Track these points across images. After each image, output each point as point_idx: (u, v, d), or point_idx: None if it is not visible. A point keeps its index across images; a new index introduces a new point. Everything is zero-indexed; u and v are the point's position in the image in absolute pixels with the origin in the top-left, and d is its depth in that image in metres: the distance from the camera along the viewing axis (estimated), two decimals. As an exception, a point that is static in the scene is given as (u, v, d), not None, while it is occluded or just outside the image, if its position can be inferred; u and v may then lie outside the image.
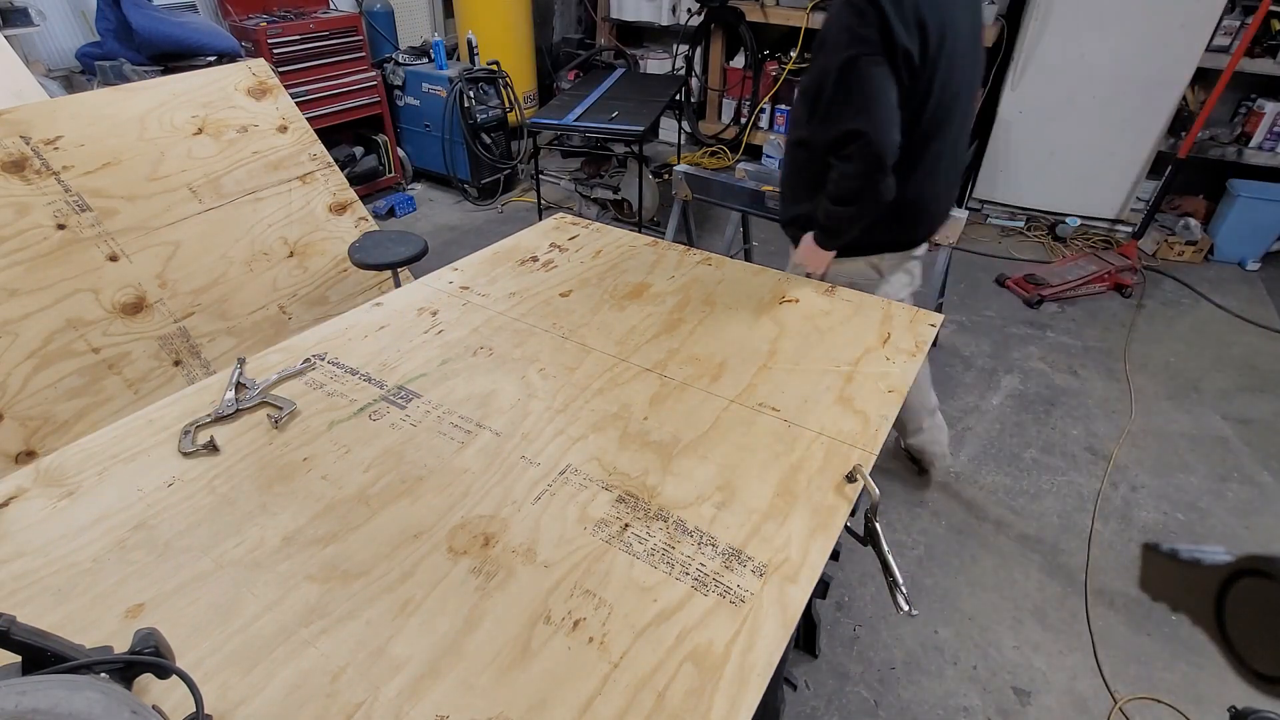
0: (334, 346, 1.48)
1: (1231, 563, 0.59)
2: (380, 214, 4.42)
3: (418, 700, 0.83)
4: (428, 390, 1.36)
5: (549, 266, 1.83)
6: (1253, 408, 2.90)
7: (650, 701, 0.83)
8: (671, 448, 1.22)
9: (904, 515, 2.37)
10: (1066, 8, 3.78)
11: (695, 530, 1.06)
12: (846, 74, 1.52)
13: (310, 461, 1.18)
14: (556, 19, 5.68)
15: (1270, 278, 3.87)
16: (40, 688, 0.56)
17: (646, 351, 1.48)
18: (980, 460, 2.61)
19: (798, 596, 0.96)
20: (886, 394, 1.36)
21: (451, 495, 1.12)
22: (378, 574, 0.98)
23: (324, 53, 3.97)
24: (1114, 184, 4.15)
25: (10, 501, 1.09)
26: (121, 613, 0.92)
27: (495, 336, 1.53)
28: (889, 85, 1.51)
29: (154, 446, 1.20)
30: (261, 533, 1.04)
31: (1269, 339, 3.37)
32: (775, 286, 1.74)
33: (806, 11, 4.53)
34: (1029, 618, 2.04)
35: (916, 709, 1.81)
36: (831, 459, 1.20)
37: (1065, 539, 2.30)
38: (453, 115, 4.30)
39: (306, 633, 0.90)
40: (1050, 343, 3.31)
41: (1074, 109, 4.01)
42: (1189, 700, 1.84)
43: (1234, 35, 3.68)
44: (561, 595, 0.96)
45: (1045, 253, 4.15)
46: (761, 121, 5.15)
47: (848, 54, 1.50)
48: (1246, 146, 3.93)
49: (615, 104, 3.84)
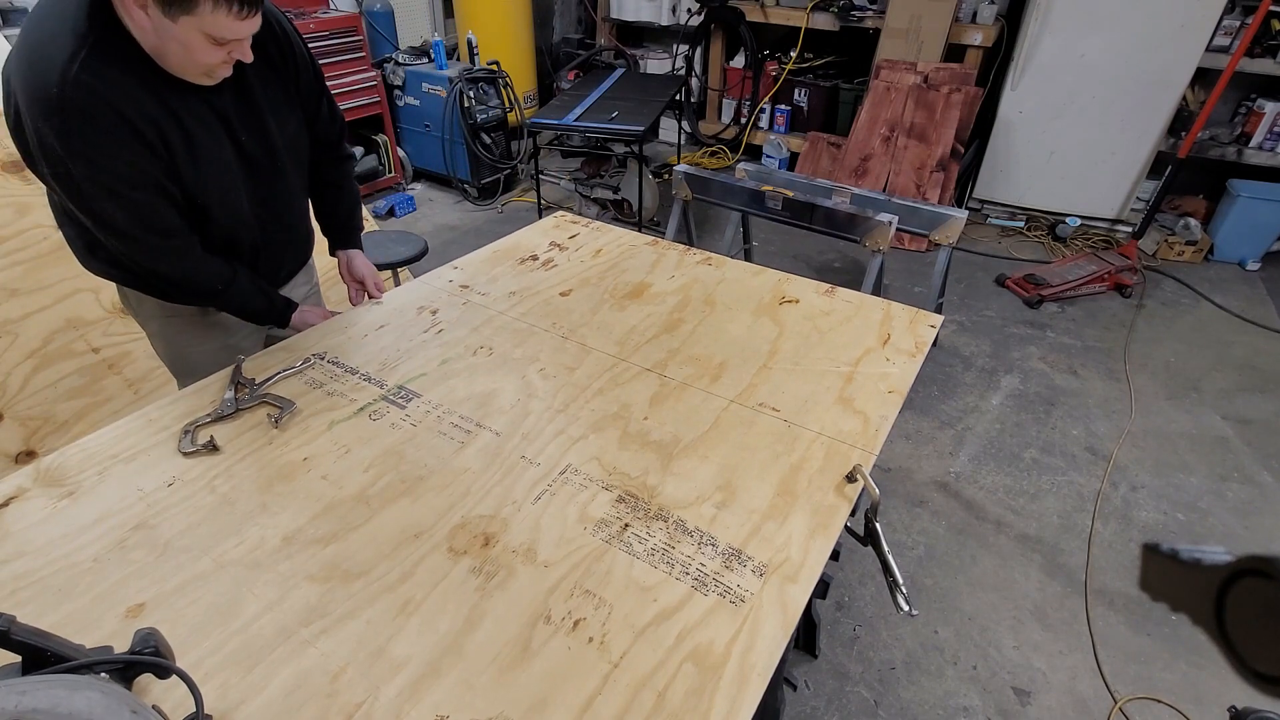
0: (334, 346, 1.48)
1: (1231, 563, 0.59)
2: (380, 214, 4.42)
3: (418, 700, 0.83)
4: (428, 390, 1.36)
5: (549, 265, 1.83)
6: (1253, 408, 2.90)
7: (650, 701, 0.83)
8: (672, 448, 1.22)
9: (904, 515, 2.37)
10: (1066, 8, 3.79)
11: (695, 530, 1.06)
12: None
13: (310, 461, 1.18)
14: (556, 19, 5.68)
15: (1270, 278, 3.87)
16: (40, 688, 0.56)
17: (646, 351, 1.48)
18: (980, 460, 2.61)
19: (798, 596, 0.96)
20: (887, 394, 1.36)
21: (451, 495, 1.12)
22: (378, 574, 0.98)
23: (324, 53, 3.97)
24: (1114, 184, 4.16)
25: (10, 501, 1.09)
26: (121, 613, 0.92)
27: (495, 336, 1.53)
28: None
29: (154, 446, 1.20)
30: (261, 532, 1.04)
31: (1269, 339, 3.37)
32: (775, 286, 1.74)
33: (806, 11, 4.53)
34: (1029, 618, 2.04)
35: (916, 709, 1.81)
36: (831, 459, 1.20)
37: (1065, 539, 2.30)
38: (453, 115, 4.30)
39: (306, 633, 0.90)
40: (1050, 343, 3.31)
41: (1074, 109, 4.01)
42: (1189, 700, 1.84)
43: (1234, 35, 3.68)
44: (561, 595, 0.96)
45: (1045, 253, 4.15)
46: (761, 121, 5.15)
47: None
48: (1246, 146, 3.93)
49: (615, 104, 3.84)
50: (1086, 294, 3.65)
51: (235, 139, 1.32)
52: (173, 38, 1.09)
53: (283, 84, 1.39)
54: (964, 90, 4.01)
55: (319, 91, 1.51)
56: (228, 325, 1.57)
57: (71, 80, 1.06)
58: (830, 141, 4.64)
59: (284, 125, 1.41)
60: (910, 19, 4.09)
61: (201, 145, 1.25)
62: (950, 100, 4.01)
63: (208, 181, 1.29)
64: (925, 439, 2.71)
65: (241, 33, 1.14)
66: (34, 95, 1.08)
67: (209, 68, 1.17)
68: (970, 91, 4.04)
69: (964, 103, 4.00)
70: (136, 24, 1.09)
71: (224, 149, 1.30)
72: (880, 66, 4.23)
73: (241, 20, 1.12)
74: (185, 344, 1.56)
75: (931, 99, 4.05)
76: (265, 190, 1.43)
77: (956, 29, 4.06)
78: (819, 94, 4.86)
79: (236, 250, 1.44)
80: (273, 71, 1.35)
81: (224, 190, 1.33)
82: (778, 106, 5.02)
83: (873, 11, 4.37)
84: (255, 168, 1.38)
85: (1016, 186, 4.36)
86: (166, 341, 1.58)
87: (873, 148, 4.22)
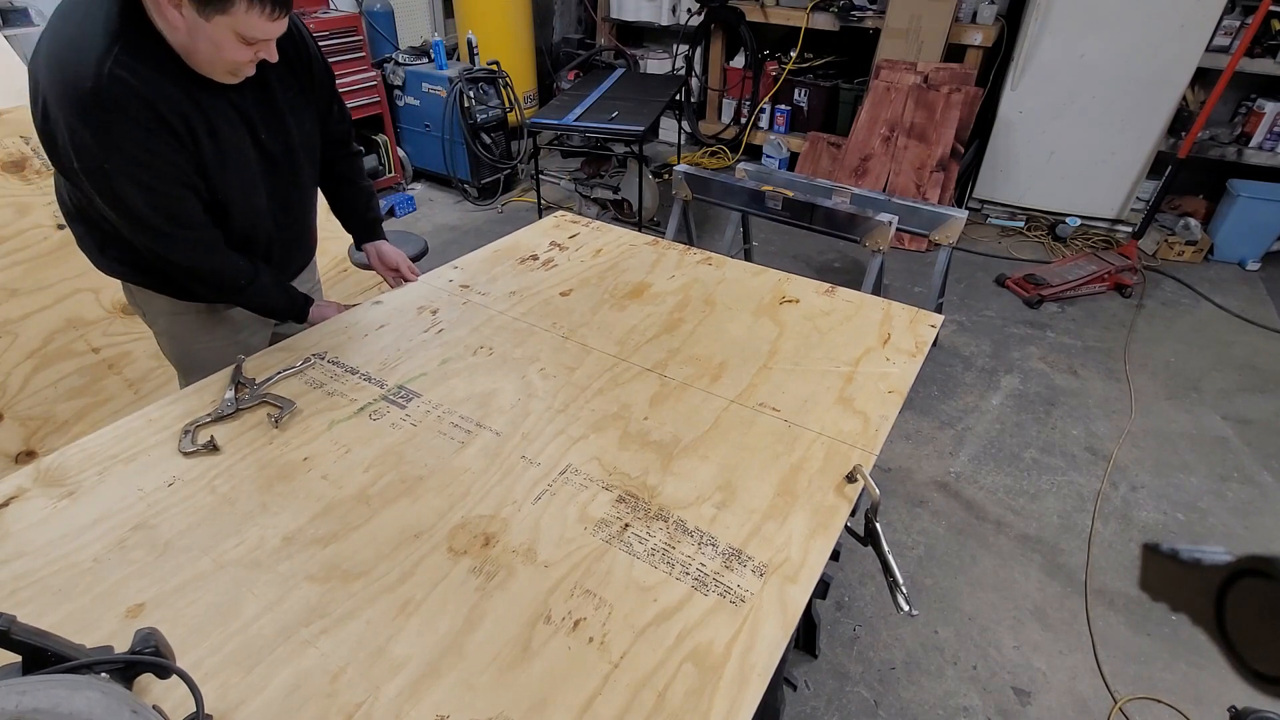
0: (334, 345, 1.48)
1: (1231, 563, 0.59)
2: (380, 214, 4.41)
3: (418, 700, 0.83)
4: (428, 390, 1.36)
5: (549, 265, 1.83)
6: (1253, 408, 2.90)
7: (650, 701, 0.83)
8: (672, 448, 1.22)
9: (904, 515, 2.37)
10: (1066, 8, 3.79)
11: (695, 530, 1.06)
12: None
13: (310, 461, 1.18)
14: (556, 19, 5.68)
15: (1270, 278, 3.87)
16: (40, 687, 0.56)
17: (647, 351, 1.48)
18: (980, 460, 2.61)
19: (798, 596, 0.96)
20: (887, 394, 1.36)
21: (452, 495, 1.12)
22: (378, 574, 0.98)
23: (324, 52, 3.97)
24: (1114, 184, 4.16)
25: (10, 501, 1.09)
26: (122, 612, 0.92)
27: (495, 336, 1.53)
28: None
29: (154, 446, 1.20)
30: (261, 532, 1.04)
31: (1269, 339, 3.37)
32: (775, 286, 1.74)
33: (806, 11, 4.53)
34: (1029, 618, 2.04)
35: (916, 709, 1.81)
36: (832, 459, 1.20)
37: (1065, 539, 2.30)
38: (453, 115, 4.30)
39: (306, 633, 0.90)
40: (1050, 343, 3.31)
41: (1074, 109, 4.01)
42: (1189, 700, 1.84)
43: (1234, 35, 3.68)
44: (562, 595, 0.96)
45: (1045, 253, 4.15)
46: (761, 121, 5.15)
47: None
48: (1246, 146, 3.93)
49: (615, 104, 3.84)
50: (1086, 294, 3.65)
51: (256, 137, 1.35)
52: (204, 36, 1.12)
53: (300, 84, 1.42)
54: (964, 90, 4.01)
55: (330, 91, 1.55)
56: (236, 321, 1.59)
57: (107, 75, 1.09)
58: (830, 141, 4.64)
59: (301, 124, 1.44)
60: (910, 19, 4.09)
61: (226, 141, 1.29)
62: (950, 100, 4.01)
63: (230, 177, 1.32)
64: (925, 439, 2.71)
65: (271, 33, 1.18)
66: (67, 92, 1.10)
67: (236, 66, 1.20)
68: (970, 91, 4.04)
69: (964, 103, 4.00)
70: (169, 23, 1.12)
71: (246, 146, 1.34)
72: (880, 66, 4.23)
73: (272, 21, 1.15)
74: (193, 340, 1.58)
75: (931, 99, 4.05)
76: (282, 188, 1.47)
77: (956, 29, 4.06)
78: (819, 94, 4.86)
79: (253, 246, 1.47)
80: (290, 72, 1.38)
81: (245, 187, 1.37)
82: (778, 106, 5.02)
83: (873, 11, 4.37)
84: (274, 166, 1.41)
85: (1016, 186, 4.36)
86: (174, 339, 1.60)
87: (873, 148, 4.22)
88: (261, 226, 1.46)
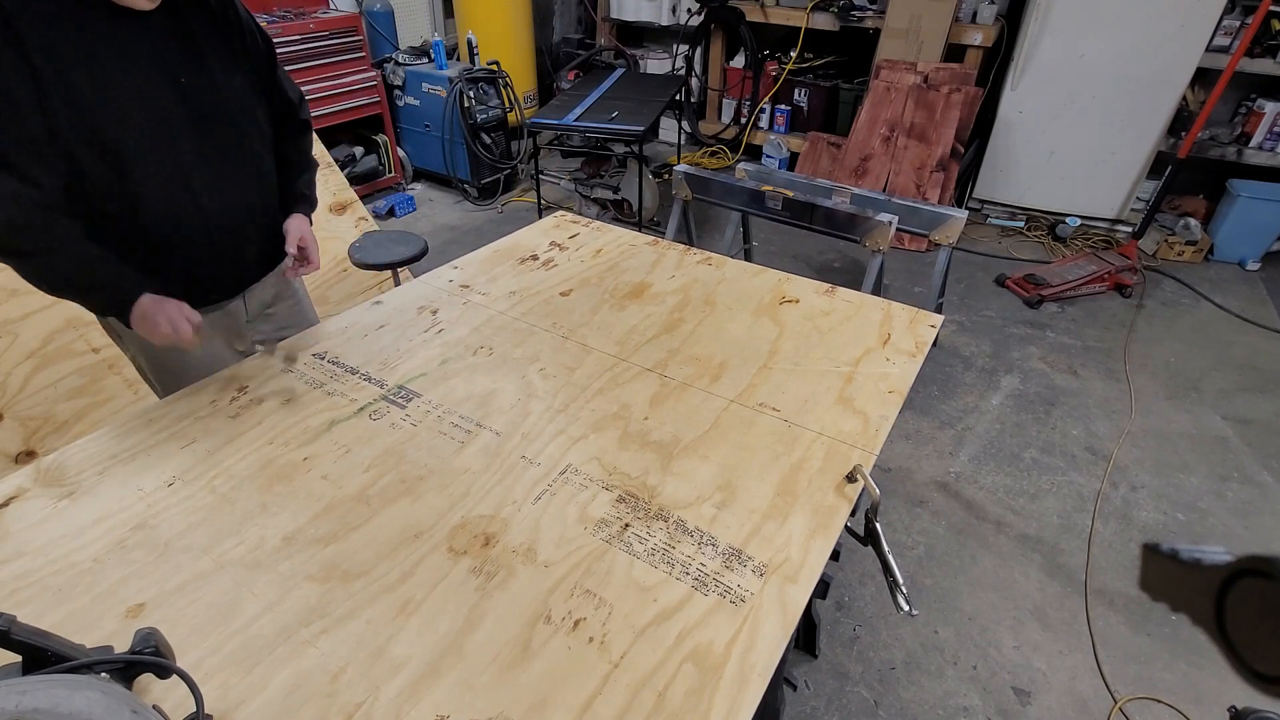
0: (334, 345, 1.48)
1: (1231, 563, 0.59)
2: (380, 214, 4.42)
3: (418, 700, 0.83)
4: (428, 390, 1.36)
5: (549, 265, 1.83)
6: (1253, 408, 2.90)
7: (650, 701, 0.83)
8: (672, 448, 1.22)
9: (904, 515, 2.37)
10: (1066, 8, 3.79)
11: (695, 530, 1.06)
12: None
13: (310, 461, 1.18)
14: (556, 19, 5.68)
15: (1270, 278, 3.87)
16: (41, 687, 0.56)
17: (647, 351, 1.48)
18: (980, 460, 2.61)
19: (798, 596, 0.96)
20: (887, 394, 1.36)
21: (452, 495, 1.12)
22: (378, 574, 0.98)
23: (324, 53, 3.97)
24: (1114, 184, 4.16)
25: (10, 501, 1.09)
26: (122, 612, 0.92)
27: (495, 336, 1.53)
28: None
29: (154, 446, 1.20)
30: (261, 532, 1.04)
31: (1269, 339, 3.37)
32: (775, 286, 1.74)
33: (806, 11, 4.53)
34: (1029, 618, 2.04)
35: (916, 709, 1.81)
36: (832, 459, 1.20)
37: (1065, 539, 2.30)
38: (453, 115, 4.30)
39: (306, 633, 0.90)
40: (1050, 343, 3.31)
41: (1074, 109, 4.01)
42: (1189, 700, 1.84)
43: (1234, 35, 3.68)
44: (562, 595, 0.96)
45: (1045, 253, 4.15)
46: (761, 121, 5.15)
47: None
48: (1246, 146, 3.93)
49: (615, 104, 3.84)
50: (1086, 294, 3.65)
51: (175, 79, 1.24)
52: None
53: (229, 46, 1.33)
54: (964, 90, 4.01)
55: (271, 61, 1.44)
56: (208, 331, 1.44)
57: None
58: (830, 141, 4.64)
59: (232, 83, 1.33)
60: (910, 19, 4.09)
61: (118, 72, 1.16)
62: (950, 100, 4.01)
63: (121, 115, 1.18)
64: (925, 439, 2.71)
65: None
66: None
67: None
68: (970, 91, 4.04)
69: (964, 103, 4.00)
70: None
71: (158, 86, 1.21)
72: (880, 66, 4.23)
73: None
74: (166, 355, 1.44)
75: (931, 99, 4.05)
76: (215, 150, 1.32)
77: (956, 29, 4.06)
78: (819, 94, 4.86)
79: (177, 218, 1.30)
80: (214, 26, 1.30)
81: (153, 130, 1.22)
82: (778, 106, 5.02)
83: (873, 11, 4.37)
84: (203, 120, 1.29)
85: (1016, 186, 4.37)
86: (147, 357, 1.48)
87: (873, 148, 4.22)
88: (182, 193, 1.29)
